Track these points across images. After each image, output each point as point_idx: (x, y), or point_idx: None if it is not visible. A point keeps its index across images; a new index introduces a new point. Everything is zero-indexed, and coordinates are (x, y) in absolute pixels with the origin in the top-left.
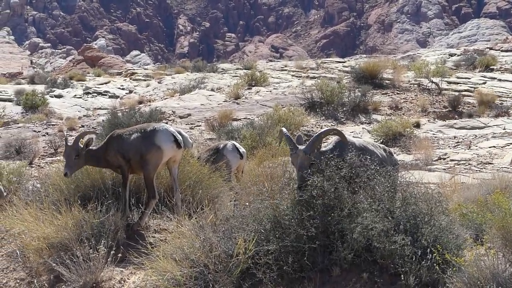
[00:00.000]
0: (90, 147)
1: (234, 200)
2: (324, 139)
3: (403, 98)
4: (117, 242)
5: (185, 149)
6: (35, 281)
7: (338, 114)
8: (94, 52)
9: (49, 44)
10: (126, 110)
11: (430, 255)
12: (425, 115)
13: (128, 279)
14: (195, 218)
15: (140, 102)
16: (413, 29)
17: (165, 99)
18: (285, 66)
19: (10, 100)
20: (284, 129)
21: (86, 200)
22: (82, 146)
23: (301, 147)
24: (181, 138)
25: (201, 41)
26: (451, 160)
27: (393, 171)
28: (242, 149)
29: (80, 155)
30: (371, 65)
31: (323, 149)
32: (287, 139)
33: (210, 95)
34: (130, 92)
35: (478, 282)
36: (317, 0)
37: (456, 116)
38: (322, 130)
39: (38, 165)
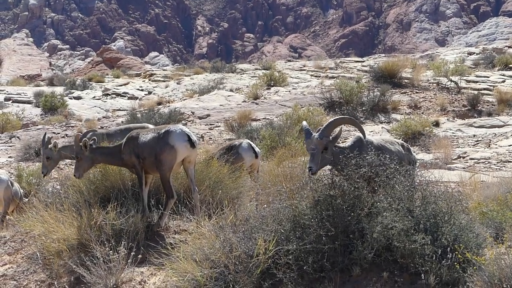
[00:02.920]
0: (101, 146)
1: (252, 198)
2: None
3: (422, 97)
4: (137, 243)
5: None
6: (56, 283)
7: (357, 114)
8: (112, 54)
9: (67, 46)
10: (145, 111)
11: (451, 254)
12: (444, 114)
13: (148, 280)
14: (215, 219)
15: (159, 103)
16: (432, 28)
17: (184, 100)
18: (304, 66)
19: (29, 102)
20: (304, 122)
21: (106, 201)
22: (81, 147)
23: (316, 134)
24: (195, 139)
25: (219, 42)
26: (471, 159)
27: (412, 169)
28: (257, 148)
29: (83, 156)
30: (390, 65)
31: (342, 145)
32: (304, 131)
33: (229, 96)
34: (149, 93)
35: (499, 281)
36: (335, 0)
37: (475, 115)
38: (335, 117)
39: (58, 167)
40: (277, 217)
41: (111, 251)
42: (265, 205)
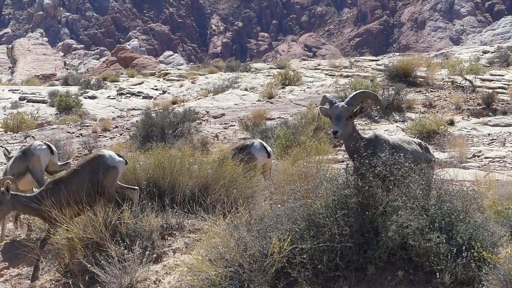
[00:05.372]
0: (20, 194)
1: (266, 197)
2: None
3: (437, 96)
4: (152, 242)
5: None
6: (70, 282)
7: (372, 113)
8: (127, 53)
9: (82, 45)
10: (160, 110)
11: (466, 252)
12: (459, 113)
13: (163, 279)
14: (230, 218)
15: (174, 103)
16: (446, 27)
17: (198, 99)
18: (319, 65)
19: (44, 102)
20: (327, 94)
21: (121, 200)
22: (3, 191)
23: (342, 102)
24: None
25: (234, 41)
26: (486, 158)
27: (428, 168)
28: (269, 148)
29: (4, 201)
30: (405, 63)
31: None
32: (328, 101)
33: (243, 95)
34: (164, 92)
35: None
36: None
37: (490, 114)
38: (359, 90)
39: None
40: (291, 216)
41: (125, 250)
42: (279, 204)
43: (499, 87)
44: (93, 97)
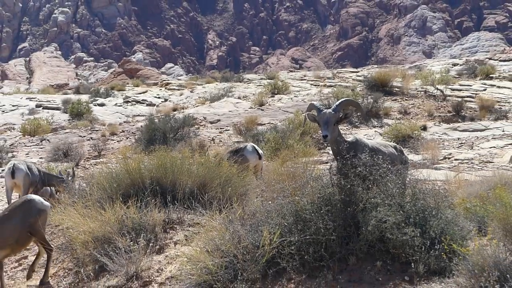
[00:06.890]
0: None
1: (258, 195)
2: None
3: (411, 104)
4: (155, 235)
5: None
6: (82, 271)
7: (353, 119)
8: (132, 65)
9: (92, 58)
10: (162, 116)
11: (438, 245)
12: (431, 119)
13: (165, 268)
14: (225, 213)
15: (175, 109)
16: (420, 42)
17: (196, 106)
18: (304, 76)
19: (58, 109)
20: (314, 102)
21: (127, 197)
22: None
23: (329, 109)
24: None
25: (228, 54)
26: (455, 160)
27: (403, 169)
28: (260, 151)
29: None
30: (382, 75)
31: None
32: (316, 108)
33: (237, 103)
34: (165, 100)
35: (482, 269)
36: (332, 17)
37: (460, 120)
38: (347, 98)
39: (84, 167)
40: (281, 211)
41: (131, 242)
42: (270, 201)
43: (467, 96)
44: (102, 105)
